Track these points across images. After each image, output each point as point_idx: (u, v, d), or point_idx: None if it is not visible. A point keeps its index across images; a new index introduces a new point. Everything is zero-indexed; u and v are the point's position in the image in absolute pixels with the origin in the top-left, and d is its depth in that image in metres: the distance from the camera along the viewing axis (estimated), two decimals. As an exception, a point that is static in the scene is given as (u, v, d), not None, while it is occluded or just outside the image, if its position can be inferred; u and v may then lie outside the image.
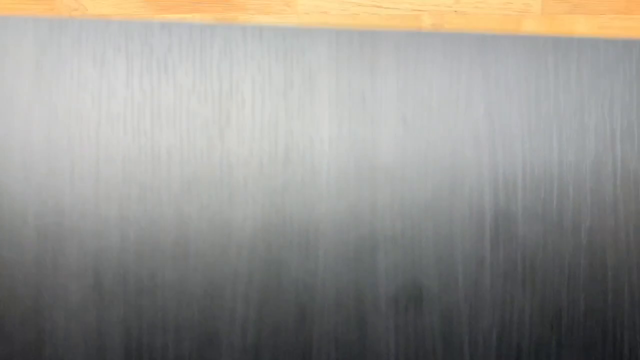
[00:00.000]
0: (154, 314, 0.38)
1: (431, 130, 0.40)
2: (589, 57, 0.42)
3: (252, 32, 0.39)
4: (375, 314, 0.39)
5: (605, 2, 0.70)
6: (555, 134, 0.41)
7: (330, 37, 0.39)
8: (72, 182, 0.37)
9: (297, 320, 0.39)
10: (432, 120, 0.40)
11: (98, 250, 0.37)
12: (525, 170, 0.41)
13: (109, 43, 0.38)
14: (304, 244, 0.39)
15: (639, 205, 0.42)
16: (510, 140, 0.41)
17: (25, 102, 0.37)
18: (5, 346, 0.37)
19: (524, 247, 0.41)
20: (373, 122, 0.40)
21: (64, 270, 0.37)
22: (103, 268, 0.37)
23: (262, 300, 0.39)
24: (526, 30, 0.70)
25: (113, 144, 0.37)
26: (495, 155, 0.41)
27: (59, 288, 0.37)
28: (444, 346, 0.40)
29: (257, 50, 0.39)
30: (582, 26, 0.70)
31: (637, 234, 0.42)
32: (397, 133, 0.40)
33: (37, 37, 0.37)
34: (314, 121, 0.39)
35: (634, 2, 0.70)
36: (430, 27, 0.70)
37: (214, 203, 0.38)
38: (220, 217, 0.38)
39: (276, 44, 0.39)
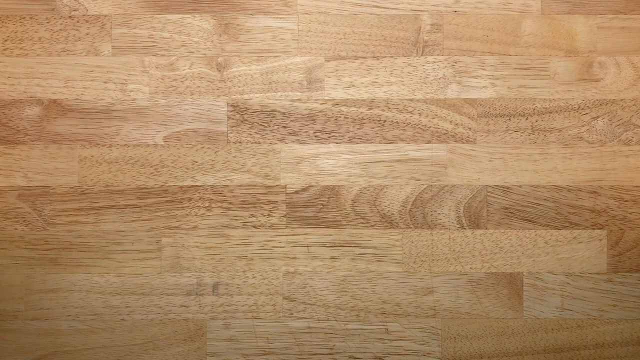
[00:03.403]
0: None
1: None
2: None
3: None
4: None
5: (604, 2, 0.70)
6: None
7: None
8: None
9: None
10: None
11: None
12: None
13: None
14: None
15: None
16: None
17: None
18: None
19: None
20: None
21: None
22: None
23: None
24: (526, 30, 0.70)
25: None
26: None
27: None
28: None
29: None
30: (582, 26, 0.70)
31: None
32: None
33: None
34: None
35: (634, 2, 0.70)
36: (429, 27, 0.70)
37: None
38: None
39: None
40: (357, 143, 0.70)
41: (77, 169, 0.70)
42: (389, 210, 0.69)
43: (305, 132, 0.70)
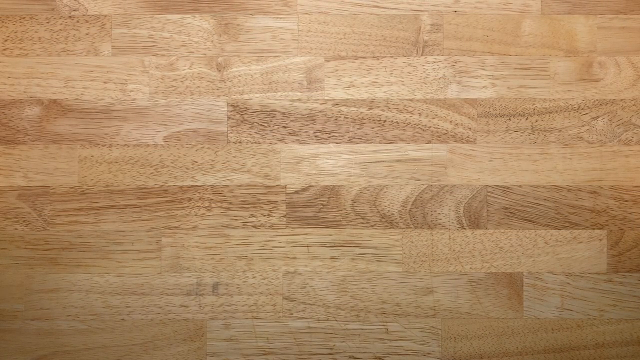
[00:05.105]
0: None
1: None
2: None
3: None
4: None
5: (604, 2, 0.70)
6: None
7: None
8: None
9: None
10: None
11: None
12: None
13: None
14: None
15: None
16: None
17: None
18: None
19: None
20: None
21: None
22: None
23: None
24: (526, 30, 0.70)
25: None
26: None
27: None
28: None
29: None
30: (582, 26, 0.70)
31: None
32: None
33: None
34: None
35: (634, 2, 0.70)
36: (429, 27, 0.70)
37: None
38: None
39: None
40: (357, 143, 0.70)
41: (77, 169, 0.70)
42: (389, 210, 0.70)
43: (305, 132, 0.70)
